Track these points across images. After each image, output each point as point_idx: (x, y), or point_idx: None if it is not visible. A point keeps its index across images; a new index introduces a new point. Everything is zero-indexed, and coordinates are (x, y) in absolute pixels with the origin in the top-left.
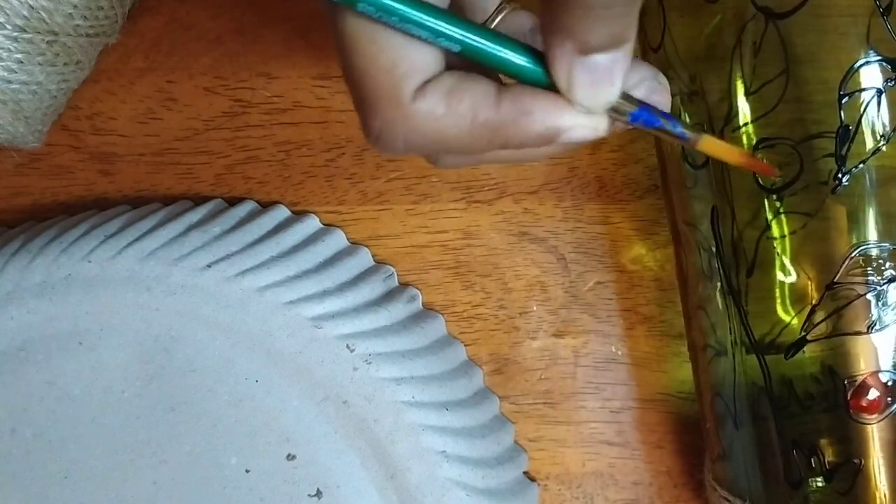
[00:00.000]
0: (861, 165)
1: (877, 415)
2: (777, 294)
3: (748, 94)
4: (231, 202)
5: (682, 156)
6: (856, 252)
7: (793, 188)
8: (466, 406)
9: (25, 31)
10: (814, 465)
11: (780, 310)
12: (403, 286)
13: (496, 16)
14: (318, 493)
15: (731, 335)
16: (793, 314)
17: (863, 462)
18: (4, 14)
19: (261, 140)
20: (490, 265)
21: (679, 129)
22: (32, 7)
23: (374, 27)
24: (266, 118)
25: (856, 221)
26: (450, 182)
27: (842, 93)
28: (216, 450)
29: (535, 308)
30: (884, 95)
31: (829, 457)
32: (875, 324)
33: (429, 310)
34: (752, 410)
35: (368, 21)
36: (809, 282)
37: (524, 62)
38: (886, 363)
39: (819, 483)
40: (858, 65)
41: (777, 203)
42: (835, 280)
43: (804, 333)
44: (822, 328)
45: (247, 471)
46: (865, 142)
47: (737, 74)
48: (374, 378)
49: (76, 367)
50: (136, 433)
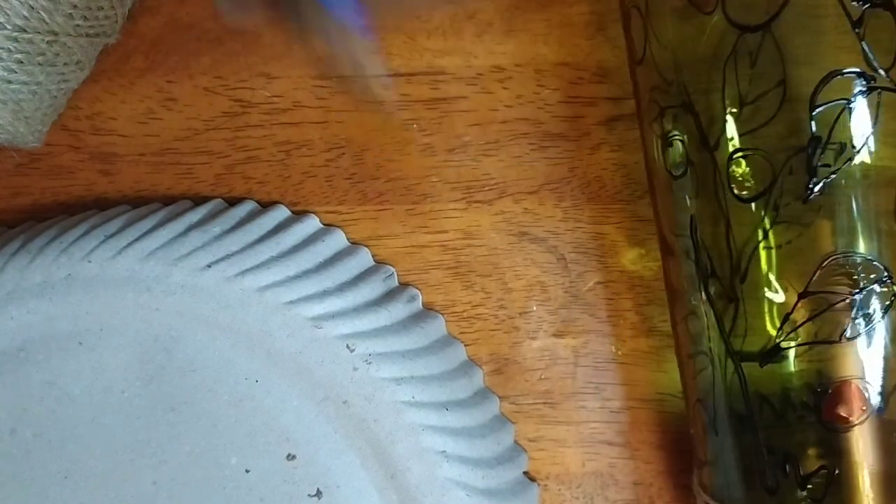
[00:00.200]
0: (832, 176)
1: (850, 423)
2: (754, 304)
3: (739, 106)
4: (231, 202)
5: (664, 164)
6: (828, 261)
7: (767, 198)
8: (466, 406)
9: (25, 31)
10: (788, 473)
11: (756, 319)
12: (403, 286)
13: None
14: (318, 493)
15: (710, 342)
16: (767, 323)
17: (836, 470)
18: (4, 14)
19: (261, 140)
20: (490, 265)
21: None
22: (32, 7)
23: None
24: (266, 118)
25: (828, 232)
26: (450, 182)
27: (814, 104)
28: (216, 450)
29: (535, 308)
30: (855, 107)
31: (804, 465)
32: (848, 332)
33: (429, 310)
34: (730, 417)
35: None
36: (786, 291)
37: None
38: (860, 371)
39: (796, 491)
40: (831, 76)
41: (761, 213)
42: (808, 289)
43: (778, 342)
44: (796, 337)
45: (247, 471)
46: (836, 153)
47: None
48: (374, 378)
49: (76, 367)
50: (136, 433)
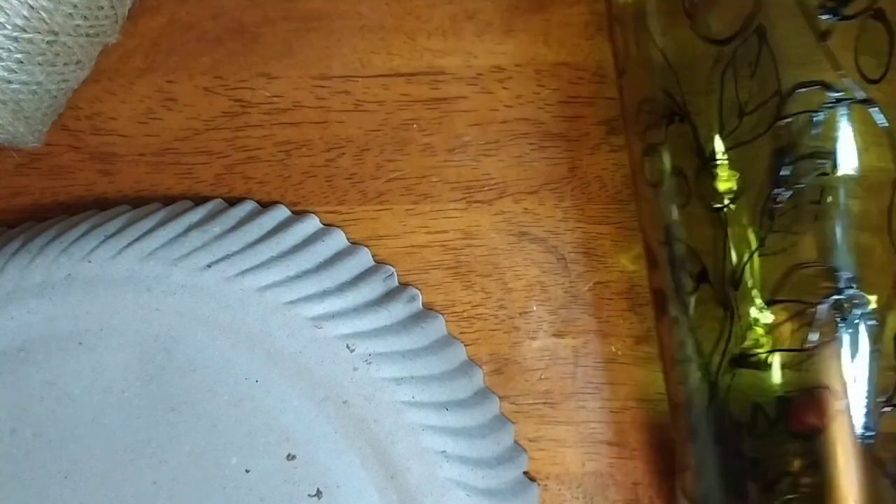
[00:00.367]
0: (798, 187)
1: (815, 430)
2: (733, 313)
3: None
4: (231, 202)
5: (650, 174)
6: (794, 272)
7: (746, 208)
8: (466, 406)
9: (25, 31)
10: (757, 480)
11: (735, 327)
12: (403, 286)
13: None
14: (318, 493)
15: (691, 350)
16: (745, 331)
17: (802, 477)
18: (4, 14)
19: (261, 140)
20: (490, 265)
21: None
22: (32, 7)
23: None
24: (266, 118)
25: (794, 243)
26: (450, 182)
27: (778, 115)
28: (216, 450)
29: (535, 308)
30: (821, 119)
31: (770, 471)
32: (810, 342)
33: (429, 310)
34: (704, 424)
35: None
36: (755, 301)
37: None
38: (824, 380)
39: (774, 500)
40: (796, 88)
41: (741, 223)
42: (774, 299)
43: (752, 350)
44: (762, 345)
45: (247, 471)
46: (803, 165)
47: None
48: (374, 378)
49: (76, 367)
50: (136, 433)
